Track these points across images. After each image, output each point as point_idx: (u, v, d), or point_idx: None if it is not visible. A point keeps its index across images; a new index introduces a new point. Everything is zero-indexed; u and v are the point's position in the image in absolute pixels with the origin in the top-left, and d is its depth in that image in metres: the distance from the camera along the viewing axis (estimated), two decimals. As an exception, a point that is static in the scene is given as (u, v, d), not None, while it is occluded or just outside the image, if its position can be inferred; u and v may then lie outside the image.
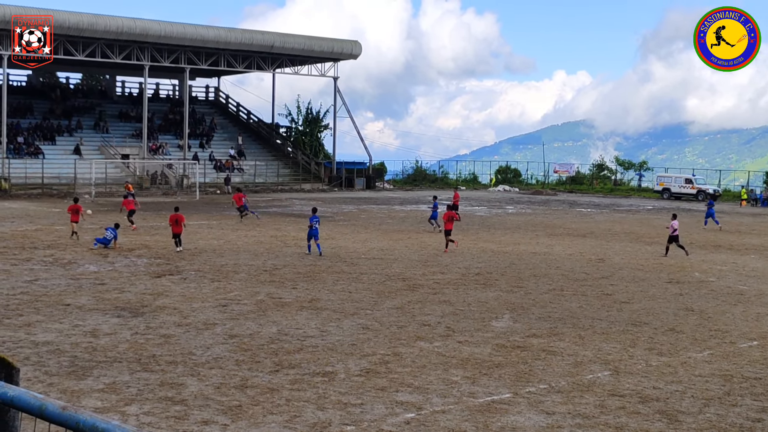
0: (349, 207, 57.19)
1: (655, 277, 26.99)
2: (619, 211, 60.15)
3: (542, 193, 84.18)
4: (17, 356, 14.44)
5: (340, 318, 19.02)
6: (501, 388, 13.58)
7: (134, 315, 18.79)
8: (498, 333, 17.90)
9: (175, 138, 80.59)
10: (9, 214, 45.49)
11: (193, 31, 72.10)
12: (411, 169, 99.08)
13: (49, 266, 26.17)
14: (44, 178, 65.39)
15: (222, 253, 30.34)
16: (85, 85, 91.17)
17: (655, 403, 13.06)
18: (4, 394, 3.30)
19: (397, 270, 27.08)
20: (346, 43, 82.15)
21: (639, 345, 17.15)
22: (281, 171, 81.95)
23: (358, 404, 12.48)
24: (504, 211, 57.57)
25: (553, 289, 24.01)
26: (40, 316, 18.35)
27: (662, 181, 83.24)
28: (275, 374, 14.01)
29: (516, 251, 33.02)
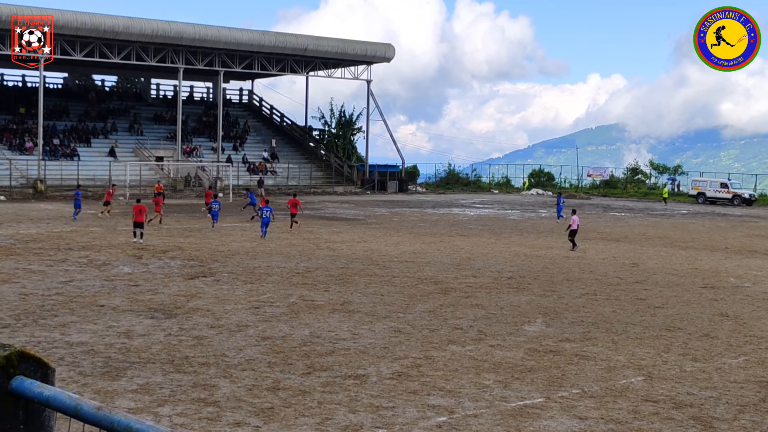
0: (381, 210, 57.21)
1: (690, 282, 26.76)
2: (654, 216, 59.72)
3: (576, 196, 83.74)
4: (52, 356, 14.56)
5: (372, 321, 19.02)
6: (533, 393, 13.52)
7: (167, 316, 18.90)
8: (530, 337, 17.82)
9: (208, 140, 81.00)
10: (44, 215, 45.94)
11: (228, 34, 72.40)
12: (444, 172, 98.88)
13: (84, 267, 26.39)
14: (79, 179, 65.93)
15: (255, 255, 30.45)
16: (121, 88, 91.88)
17: (689, 409, 12.95)
18: (40, 394, 3.32)
19: (429, 273, 27.04)
20: (380, 46, 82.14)
21: (673, 350, 17.00)
22: (314, 174, 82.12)
23: (390, 407, 12.47)
24: (537, 215, 57.33)
25: (586, 294, 23.88)
26: (74, 317, 18.51)
27: (697, 185, 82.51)
28: (307, 376, 14.03)
29: (549, 255, 32.87)
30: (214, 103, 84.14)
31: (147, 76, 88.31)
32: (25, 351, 3.46)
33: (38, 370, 3.46)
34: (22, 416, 3.43)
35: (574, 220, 35.50)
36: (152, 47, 70.26)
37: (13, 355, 3.43)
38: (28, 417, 3.45)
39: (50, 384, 3.44)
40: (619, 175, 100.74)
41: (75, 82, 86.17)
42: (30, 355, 3.47)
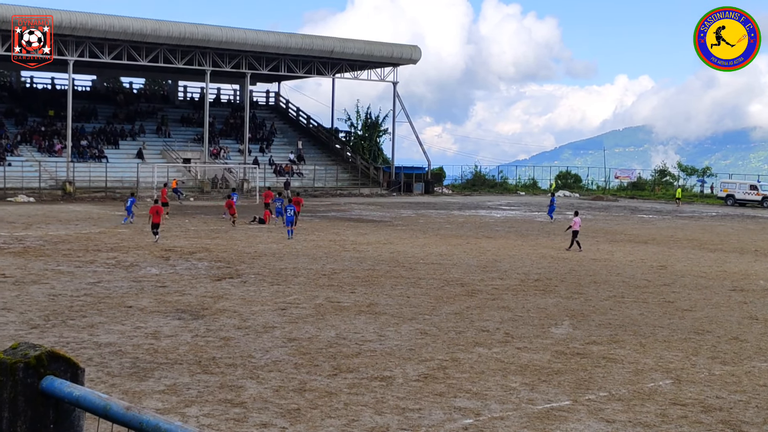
0: (407, 212, 57.19)
1: (719, 285, 26.55)
2: (682, 218, 59.34)
3: (603, 198, 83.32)
4: (80, 357, 14.66)
5: (399, 323, 19.01)
6: (560, 396, 13.46)
7: (195, 317, 18.98)
8: (557, 340, 17.75)
9: (235, 142, 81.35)
10: (73, 216, 46.28)
11: (254, 37, 72.66)
12: (470, 174, 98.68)
13: (112, 268, 26.56)
14: (107, 181, 66.41)
15: (281, 256, 30.52)
16: (148, 90, 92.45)
17: (718, 412, 12.84)
18: (70, 394, 3.34)
19: (456, 275, 27.00)
20: (406, 48, 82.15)
21: (702, 353, 16.88)
22: (340, 175, 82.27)
23: (416, 409, 12.45)
24: (564, 217, 57.08)
25: (613, 296, 23.75)
26: (102, 318, 18.62)
27: (726, 187, 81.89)
28: (333, 378, 14.04)
29: (576, 257, 32.73)
30: (241, 105, 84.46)
31: (174, 78, 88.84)
32: (54, 351, 3.49)
33: (68, 370, 3.48)
34: (52, 416, 3.46)
35: (576, 221, 35.93)
36: (179, 50, 70.65)
37: (44, 355, 3.46)
38: (58, 416, 3.47)
39: (80, 384, 3.46)
40: (647, 177, 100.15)
41: (103, 84, 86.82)
42: (60, 355, 3.49)
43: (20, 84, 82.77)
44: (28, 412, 3.43)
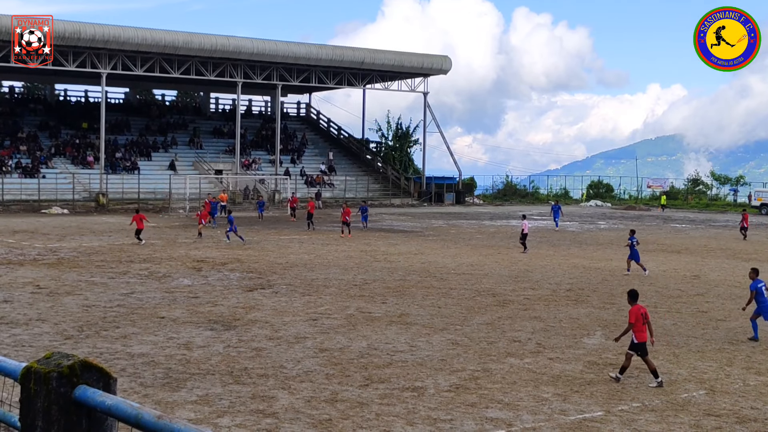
0: (438, 222, 57.13)
1: (753, 295, 26.24)
2: (715, 227, 58.82)
3: (635, 208, 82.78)
4: (114, 367, 14.76)
5: (430, 333, 18.98)
6: (593, 406, 13.38)
7: (227, 328, 19.06)
8: (590, 350, 17.65)
9: (267, 153, 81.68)
10: (106, 228, 46.65)
11: (285, 48, 72.99)
12: (501, 183, 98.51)
13: (145, 279, 26.73)
14: (140, 193, 66.89)
15: (312, 267, 30.59)
16: (180, 102, 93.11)
17: (753, 423, 12.71)
18: (102, 403, 3.38)
19: (487, 285, 26.93)
20: (437, 59, 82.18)
21: (736, 364, 16.71)
22: (371, 186, 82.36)
23: (448, 420, 12.42)
24: (596, 227, 56.82)
25: (646, 306, 23.48)
26: (135, 329, 18.75)
27: (760, 196, 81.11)
28: (365, 388, 14.04)
29: (608, 267, 32.55)
30: (272, 116, 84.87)
31: (206, 90, 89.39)
32: (88, 361, 3.52)
33: (101, 379, 3.52)
34: (85, 425, 3.49)
35: (525, 224, 38.52)
36: (211, 62, 71.11)
37: (77, 364, 3.50)
38: (91, 425, 3.50)
39: (112, 393, 3.49)
40: (680, 186, 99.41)
41: (136, 96, 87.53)
42: (93, 365, 3.53)
43: (54, 97, 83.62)
44: (62, 421, 3.47)
